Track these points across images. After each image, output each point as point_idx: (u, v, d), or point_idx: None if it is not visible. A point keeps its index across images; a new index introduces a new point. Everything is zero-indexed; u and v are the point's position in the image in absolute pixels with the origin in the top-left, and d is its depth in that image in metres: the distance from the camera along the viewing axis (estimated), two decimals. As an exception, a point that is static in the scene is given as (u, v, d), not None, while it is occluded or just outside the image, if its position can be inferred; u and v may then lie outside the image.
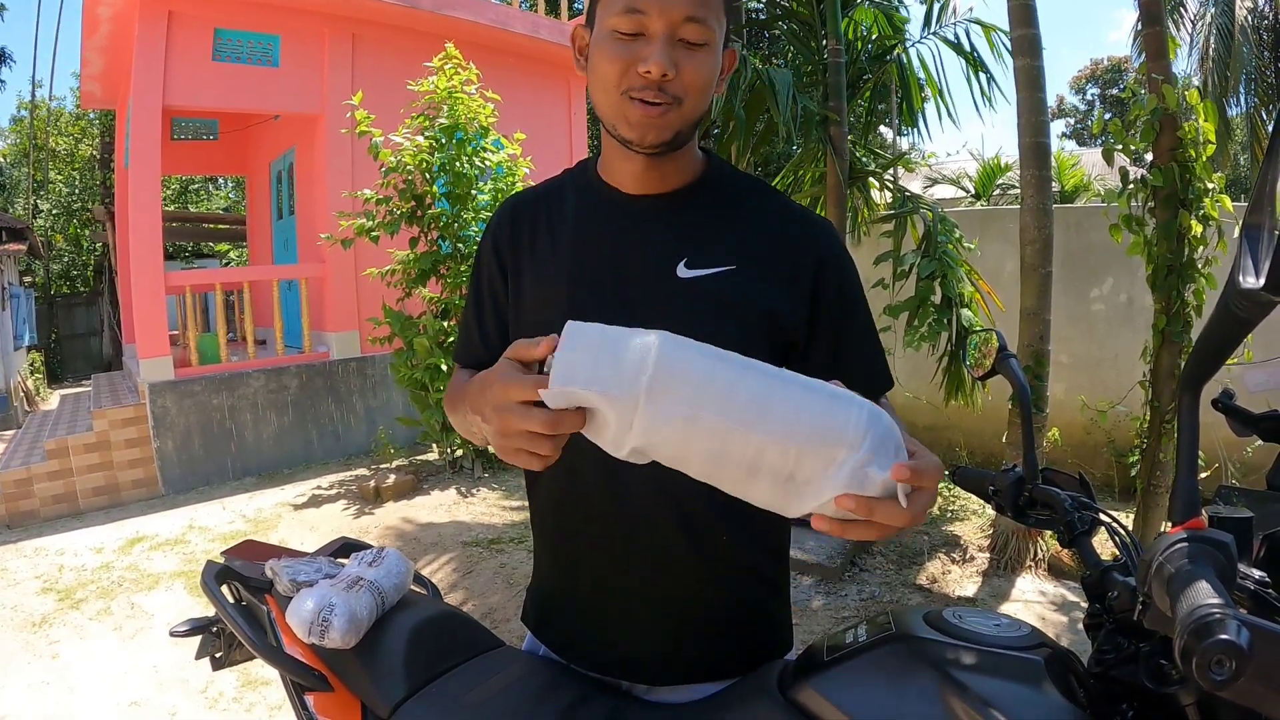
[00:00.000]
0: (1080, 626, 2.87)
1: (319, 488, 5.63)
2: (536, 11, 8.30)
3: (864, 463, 0.60)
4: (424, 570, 3.17)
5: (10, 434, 7.35)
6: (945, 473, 0.69)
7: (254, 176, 9.57)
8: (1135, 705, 0.69)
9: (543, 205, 1.03)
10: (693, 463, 0.65)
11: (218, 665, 1.40)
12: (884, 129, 6.95)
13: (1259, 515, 0.63)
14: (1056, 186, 8.16)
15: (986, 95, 4.48)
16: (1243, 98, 11.16)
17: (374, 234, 5.44)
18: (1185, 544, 0.55)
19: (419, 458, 6.24)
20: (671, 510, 0.92)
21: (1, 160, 19.21)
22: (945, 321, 3.81)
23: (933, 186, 12.88)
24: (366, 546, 1.39)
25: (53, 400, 9.63)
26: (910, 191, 4.49)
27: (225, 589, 1.29)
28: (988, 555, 3.71)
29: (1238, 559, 0.54)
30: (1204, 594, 0.50)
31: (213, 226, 13.13)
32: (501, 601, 3.53)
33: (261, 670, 2.96)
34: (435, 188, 5.55)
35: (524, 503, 4.96)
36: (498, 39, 7.28)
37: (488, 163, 5.62)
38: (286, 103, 6.60)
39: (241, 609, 1.26)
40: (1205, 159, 3.22)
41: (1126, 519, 3.26)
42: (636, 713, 0.93)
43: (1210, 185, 3.22)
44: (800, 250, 0.94)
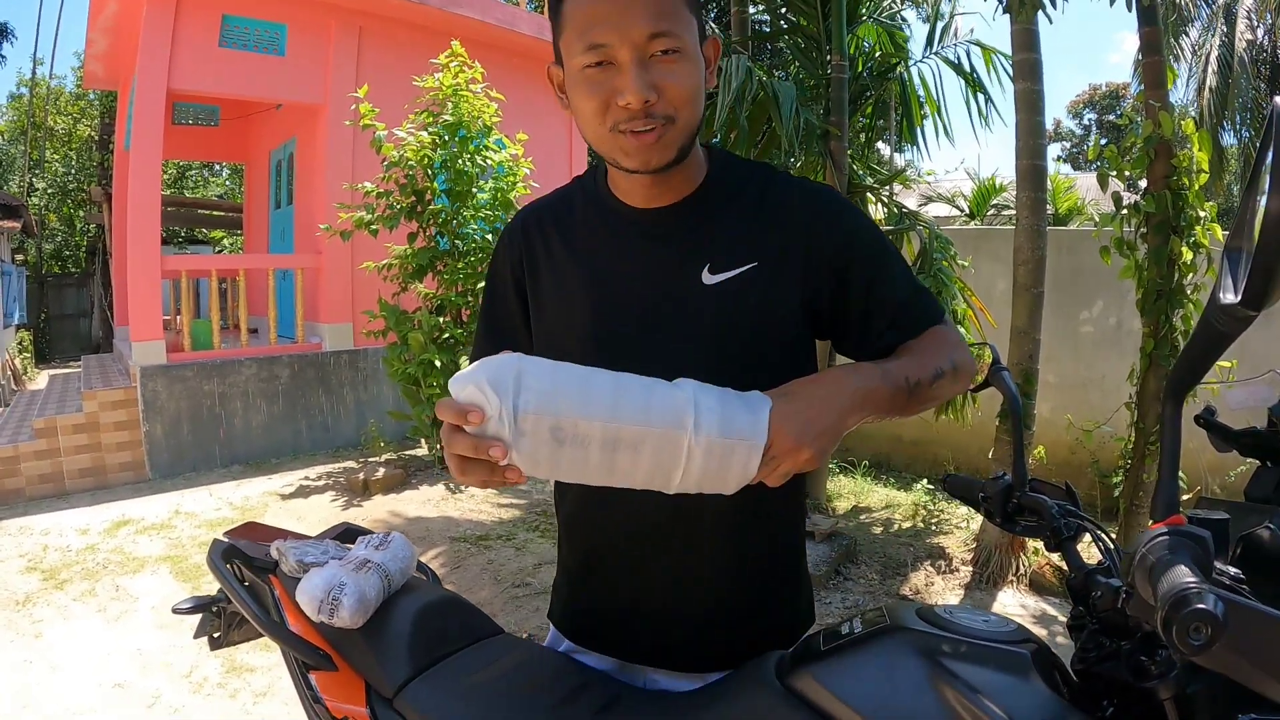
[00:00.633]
0: (1060, 641, 2.92)
1: (307, 478, 5.62)
2: (542, 13, 8.33)
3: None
4: (413, 562, 3.18)
5: (-4, 412, 7.30)
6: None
7: (253, 165, 9.55)
8: (1116, 702, 0.73)
9: (556, 218, 1.01)
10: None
11: (216, 645, 1.42)
12: (881, 145, 7.04)
13: (1237, 523, 0.67)
14: (1051, 209, 8.26)
15: (984, 116, 4.57)
16: (1239, 129, 11.32)
17: (373, 227, 5.45)
18: (1166, 537, 0.59)
19: (408, 452, 6.25)
20: (699, 497, 0.91)
21: (-1, 137, 19.06)
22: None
23: (927, 204, 12.98)
24: (369, 532, 1.41)
25: (40, 380, 9.56)
26: (907, 208, 4.55)
27: (229, 569, 1.31)
28: (971, 568, 3.76)
29: (1215, 556, 0.59)
30: (1183, 574, 0.54)
31: (209, 213, 13.06)
32: (489, 597, 3.55)
33: (247, 656, 2.97)
34: (436, 184, 5.57)
35: (512, 500, 4.99)
36: (504, 38, 7.32)
37: (489, 162, 5.65)
38: (290, 92, 6.61)
39: (246, 589, 1.28)
40: (1198, 187, 3.29)
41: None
42: (637, 700, 0.96)
43: (1202, 213, 3.29)
44: (815, 229, 0.93)
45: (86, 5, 6.56)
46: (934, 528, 4.43)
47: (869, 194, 4.62)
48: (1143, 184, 3.44)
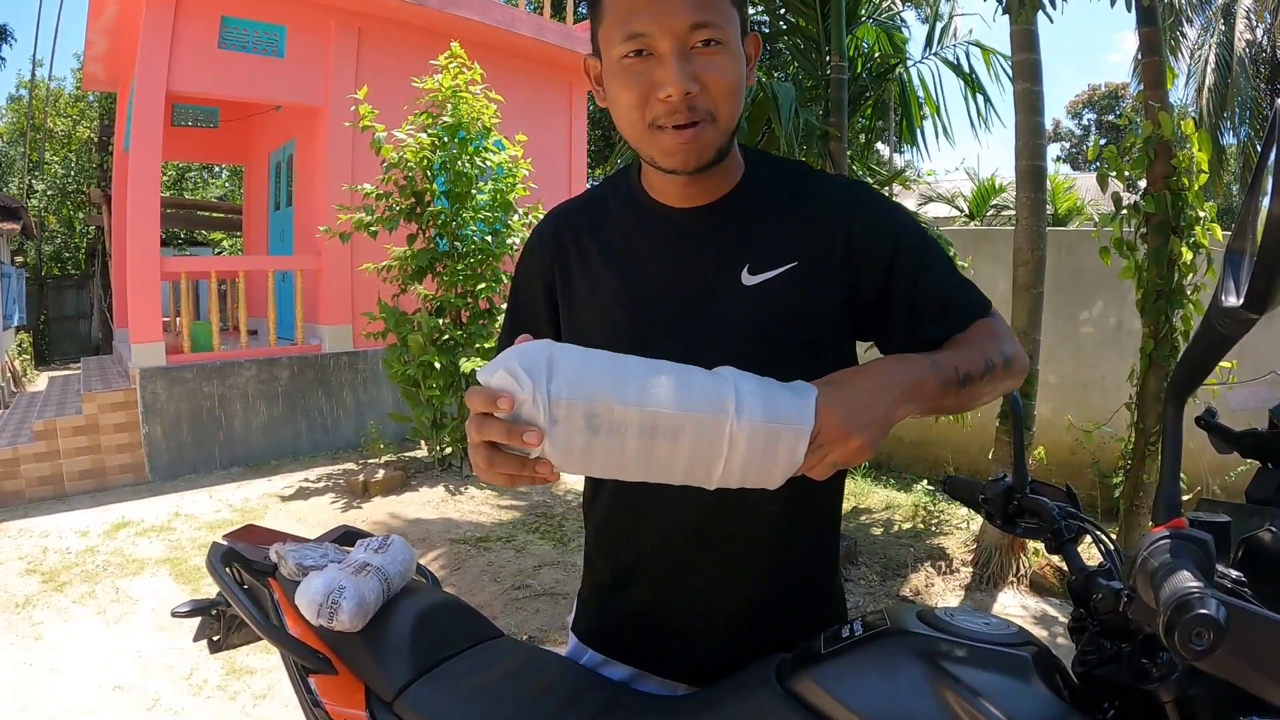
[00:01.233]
0: (1060, 642, 2.92)
1: (306, 480, 5.62)
2: (542, 15, 8.34)
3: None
4: (413, 564, 3.18)
5: (-4, 414, 7.30)
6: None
7: (252, 166, 9.55)
8: (1117, 704, 0.73)
9: (588, 219, 0.99)
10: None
11: (215, 648, 1.42)
12: (881, 146, 7.04)
13: (1238, 525, 0.67)
14: (1051, 209, 8.25)
15: (983, 116, 4.57)
16: (1238, 129, 11.32)
17: (372, 229, 5.46)
18: (1168, 540, 0.59)
19: (408, 454, 6.25)
20: (735, 500, 0.84)
21: (-3, 139, 19.06)
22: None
23: (927, 205, 13.00)
24: (368, 535, 1.41)
25: (40, 382, 9.56)
26: (907, 209, 4.55)
27: (228, 572, 1.31)
28: (971, 569, 3.76)
29: (1216, 559, 0.59)
30: (1185, 579, 0.54)
31: (208, 215, 13.08)
32: (489, 599, 3.55)
33: (247, 659, 2.97)
34: (435, 186, 5.57)
35: (512, 502, 4.99)
36: (502, 40, 7.32)
37: (489, 163, 5.65)
38: (290, 94, 6.60)
39: (245, 592, 1.27)
40: (1198, 187, 3.28)
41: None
42: (637, 703, 0.96)
43: (1202, 213, 3.29)
44: (854, 224, 0.90)
45: (86, 7, 6.56)
46: (934, 529, 4.43)
47: (869, 195, 4.62)
48: (1142, 184, 3.44)
